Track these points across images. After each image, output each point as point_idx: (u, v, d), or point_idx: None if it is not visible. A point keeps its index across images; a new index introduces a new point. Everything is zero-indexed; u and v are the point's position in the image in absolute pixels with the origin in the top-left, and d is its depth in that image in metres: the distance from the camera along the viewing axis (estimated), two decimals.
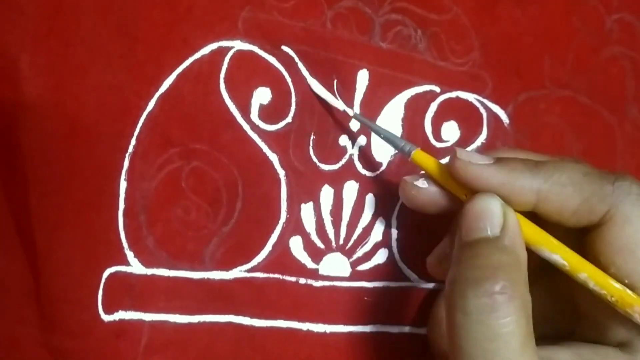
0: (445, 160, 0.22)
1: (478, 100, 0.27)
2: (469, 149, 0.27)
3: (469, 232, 0.21)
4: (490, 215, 0.20)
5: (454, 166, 0.21)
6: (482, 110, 0.27)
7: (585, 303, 0.22)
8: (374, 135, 0.26)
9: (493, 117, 0.27)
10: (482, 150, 0.26)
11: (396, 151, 0.26)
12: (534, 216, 0.21)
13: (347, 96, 0.26)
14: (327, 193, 0.26)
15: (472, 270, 0.19)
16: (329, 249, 0.26)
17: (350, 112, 0.25)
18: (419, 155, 0.23)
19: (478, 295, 0.19)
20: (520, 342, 0.18)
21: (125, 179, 0.25)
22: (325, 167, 0.26)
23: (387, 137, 0.24)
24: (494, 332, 0.18)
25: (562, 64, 0.27)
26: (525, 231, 0.21)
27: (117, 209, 0.25)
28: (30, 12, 0.25)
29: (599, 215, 0.21)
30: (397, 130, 0.26)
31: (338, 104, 0.25)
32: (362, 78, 0.26)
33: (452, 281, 0.20)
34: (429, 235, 0.26)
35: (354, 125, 0.26)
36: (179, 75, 0.25)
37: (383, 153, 0.26)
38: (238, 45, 0.26)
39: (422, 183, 0.23)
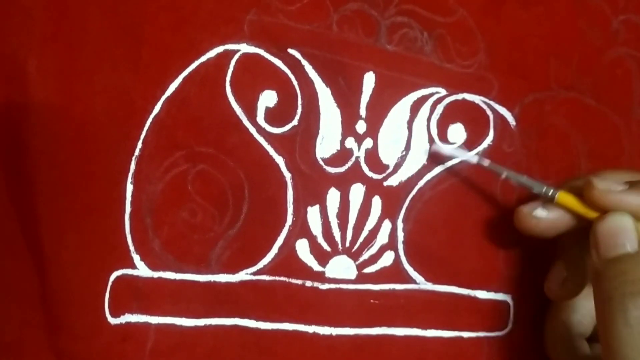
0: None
1: (484, 102, 0.27)
2: (474, 151, 0.26)
3: (608, 250, 0.22)
4: (626, 232, 0.22)
5: (594, 196, 0.22)
6: (489, 112, 0.27)
7: None
8: (380, 138, 0.26)
9: (500, 119, 0.27)
10: (489, 153, 0.26)
11: (403, 153, 0.26)
12: None
13: (354, 99, 0.26)
14: (333, 196, 0.26)
15: (626, 285, 0.21)
16: (335, 251, 0.26)
17: (485, 163, 0.25)
18: (563, 197, 0.23)
19: (631, 309, 0.20)
20: None
21: (131, 182, 0.25)
22: (331, 169, 0.26)
23: (525, 183, 0.24)
24: None
25: (568, 65, 0.27)
26: None
27: (124, 212, 0.25)
28: (37, 16, 0.25)
29: None
30: (403, 132, 0.26)
31: (469, 156, 0.26)
32: (369, 80, 0.26)
33: (606, 298, 0.21)
34: (435, 237, 0.26)
35: (360, 128, 0.26)
36: (185, 79, 0.25)
37: (389, 155, 0.26)
38: (244, 48, 0.26)
39: (541, 212, 0.24)
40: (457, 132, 0.26)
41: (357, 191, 0.26)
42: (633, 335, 0.20)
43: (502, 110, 0.27)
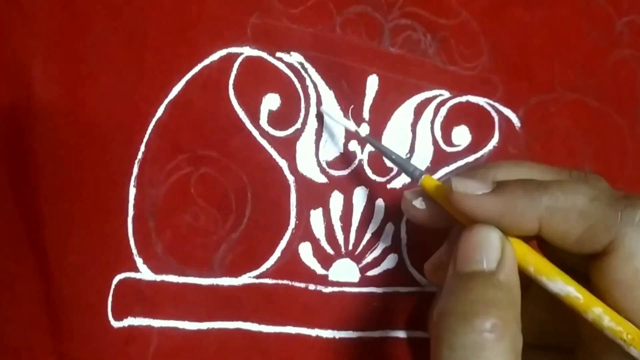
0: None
1: (489, 104, 0.27)
2: (480, 153, 0.26)
3: (464, 263, 0.20)
4: (487, 247, 0.19)
5: (452, 198, 0.20)
6: (494, 114, 0.27)
7: (585, 330, 0.21)
8: (384, 140, 0.26)
9: (505, 121, 0.27)
10: (494, 155, 0.26)
11: (407, 155, 0.26)
12: (538, 239, 0.21)
13: (357, 101, 0.26)
14: (336, 199, 0.26)
15: (463, 304, 0.19)
16: (338, 254, 0.26)
17: (362, 134, 0.25)
18: (427, 181, 0.22)
19: (467, 332, 0.18)
20: None
21: (134, 186, 0.25)
22: (335, 172, 0.26)
23: (396, 161, 0.23)
24: None
25: (572, 67, 0.27)
26: (534, 262, 0.20)
27: (127, 215, 0.25)
28: (43, 19, 0.25)
29: (602, 245, 0.19)
30: (407, 135, 0.26)
31: (349, 124, 0.25)
32: (372, 83, 0.26)
33: (441, 313, 0.19)
34: (439, 240, 0.26)
35: (364, 131, 0.26)
36: (188, 82, 0.25)
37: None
38: (247, 51, 0.26)
39: (419, 204, 0.22)
40: (462, 134, 0.26)
41: (360, 194, 0.26)
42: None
43: (507, 112, 0.27)
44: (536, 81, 0.27)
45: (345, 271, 0.26)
